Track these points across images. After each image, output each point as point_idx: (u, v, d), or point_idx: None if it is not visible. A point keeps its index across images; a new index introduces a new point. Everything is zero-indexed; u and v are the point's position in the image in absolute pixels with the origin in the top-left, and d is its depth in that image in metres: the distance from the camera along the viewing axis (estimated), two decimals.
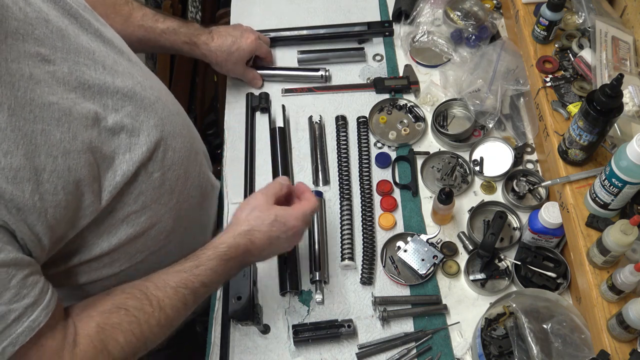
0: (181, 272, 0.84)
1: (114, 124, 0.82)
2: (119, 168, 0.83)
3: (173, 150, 0.95)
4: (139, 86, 0.90)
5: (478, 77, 1.28)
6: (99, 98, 0.81)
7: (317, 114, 1.35)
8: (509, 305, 0.99)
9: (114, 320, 0.77)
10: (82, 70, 0.80)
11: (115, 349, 0.76)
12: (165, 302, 0.81)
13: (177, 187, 0.97)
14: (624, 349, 0.87)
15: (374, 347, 1.05)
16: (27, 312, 0.69)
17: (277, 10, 1.55)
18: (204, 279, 0.85)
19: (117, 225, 0.87)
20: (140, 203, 0.89)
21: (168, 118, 0.95)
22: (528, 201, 1.20)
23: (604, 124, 0.92)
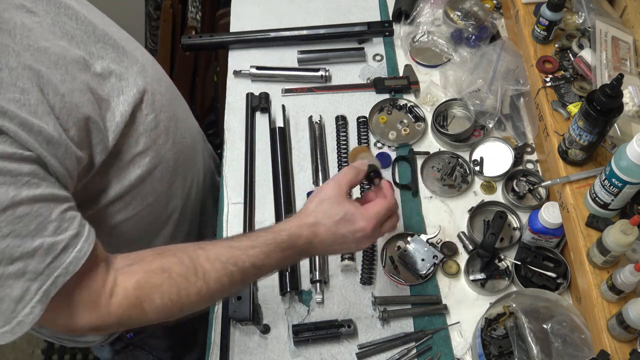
0: (235, 249, 0.83)
1: (102, 69, 0.86)
2: (117, 109, 0.87)
3: (160, 94, 1.00)
4: (117, 35, 0.94)
5: (478, 77, 1.28)
6: (83, 46, 0.85)
7: (317, 114, 1.35)
8: (509, 305, 0.99)
9: (155, 281, 0.78)
10: (63, 21, 0.84)
11: (150, 307, 0.78)
12: (211, 275, 0.81)
13: (170, 127, 1.01)
14: (624, 349, 0.87)
15: (374, 347, 1.05)
16: (72, 242, 0.72)
17: (277, 10, 1.55)
18: (255, 261, 0.83)
19: (125, 167, 0.91)
20: (142, 144, 0.93)
21: (148, 64, 1.00)
22: (528, 201, 1.20)
23: (604, 124, 0.92)
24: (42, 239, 0.69)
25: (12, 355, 2.22)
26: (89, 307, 0.76)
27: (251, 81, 1.42)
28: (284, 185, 1.23)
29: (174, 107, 1.05)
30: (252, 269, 0.83)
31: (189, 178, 1.13)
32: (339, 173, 0.92)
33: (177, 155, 1.04)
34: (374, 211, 0.88)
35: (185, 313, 0.83)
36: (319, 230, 0.86)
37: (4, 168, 0.66)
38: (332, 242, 0.87)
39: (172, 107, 1.04)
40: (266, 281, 1.13)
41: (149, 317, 0.79)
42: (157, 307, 0.78)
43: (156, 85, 0.99)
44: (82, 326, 0.76)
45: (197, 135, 1.18)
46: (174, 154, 1.03)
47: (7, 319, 0.70)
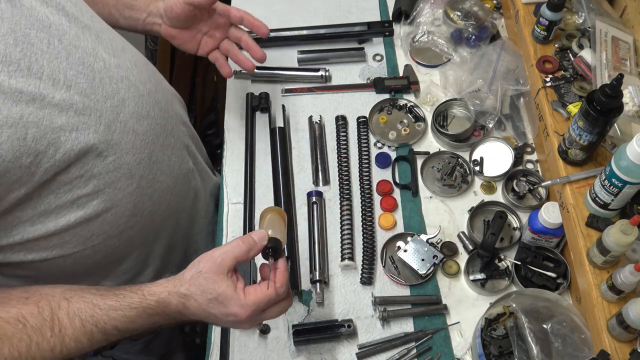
0: (97, 308, 0.78)
1: (61, 100, 0.79)
2: (62, 146, 0.79)
3: (134, 133, 0.90)
4: (101, 64, 0.87)
5: (478, 77, 1.28)
6: (48, 72, 0.78)
7: (317, 114, 1.35)
8: (509, 305, 0.99)
9: (7, 331, 0.74)
10: (31, 42, 0.77)
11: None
12: (68, 331, 0.77)
13: (137, 171, 0.92)
14: (624, 349, 0.87)
15: (374, 347, 1.05)
16: None
17: (277, 10, 1.55)
18: (117, 324, 0.79)
19: (65, 207, 0.84)
20: (91, 186, 0.85)
21: (133, 99, 0.91)
22: (528, 201, 1.20)
23: (604, 124, 0.92)
24: None
25: None
26: None
27: (251, 81, 1.42)
28: (284, 185, 1.23)
29: (152, 148, 0.94)
30: (114, 331, 0.79)
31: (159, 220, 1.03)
32: (228, 244, 0.82)
33: (141, 200, 0.95)
34: (252, 300, 0.80)
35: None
36: (188, 304, 0.80)
37: None
38: (205, 317, 0.81)
39: (148, 148, 0.94)
40: None
41: None
42: (6, 357, 0.73)
43: (135, 123, 0.90)
44: None
45: (185, 176, 1.08)
46: (135, 198, 0.94)
47: None
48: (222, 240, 1.20)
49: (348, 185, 1.24)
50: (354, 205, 1.22)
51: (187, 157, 1.11)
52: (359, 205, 1.22)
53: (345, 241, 1.16)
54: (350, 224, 1.18)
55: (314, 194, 1.21)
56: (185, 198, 1.13)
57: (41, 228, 0.84)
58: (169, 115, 1.03)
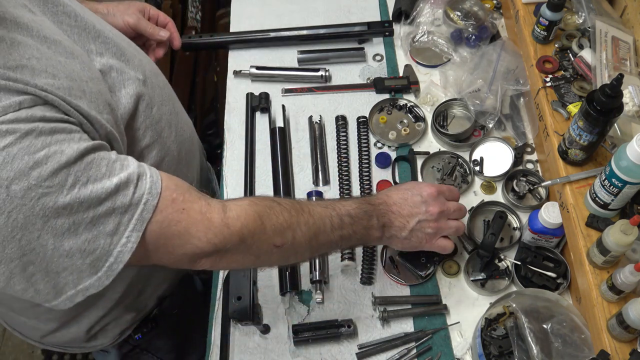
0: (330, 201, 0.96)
1: (102, 65, 0.86)
2: (120, 103, 0.86)
3: (159, 88, 1.00)
4: (111, 32, 0.94)
5: (478, 77, 1.28)
6: (81, 44, 0.85)
7: (317, 114, 1.35)
8: (509, 305, 0.99)
9: (267, 203, 0.85)
10: (61, 19, 0.84)
11: (268, 223, 0.83)
12: (315, 211, 0.89)
13: (172, 120, 1.02)
14: (624, 349, 0.87)
15: (374, 347, 1.05)
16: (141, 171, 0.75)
17: (277, 10, 1.55)
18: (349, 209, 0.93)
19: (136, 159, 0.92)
20: (148, 137, 0.94)
21: (147, 60, 1.01)
22: (528, 201, 1.20)
23: (604, 124, 0.92)
24: (117, 177, 0.71)
25: (12, 355, 2.22)
26: (202, 225, 0.78)
27: (251, 81, 1.42)
28: (284, 185, 1.23)
29: (172, 101, 1.06)
30: (346, 218, 0.92)
31: (191, 172, 1.14)
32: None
33: (180, 147, 1.05)
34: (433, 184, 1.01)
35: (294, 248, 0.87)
36: (390, 193, 0.99)
37: (58, 127, 0.68)
38: (404, 201, 0.98)
39: (171, 101, 1.04)
40: (266, 281, 1.14)
41: (267, 235, 0.83)
42: (274, 224, 0.83)
43: (154, 79, 1.00)
44: (202, 248, 0.78)
45: (192, 129, 1.20)
46: (177, 146, 1.03)
47: (106, 252, 0.72)
48: None
49: (348, 185, 1.24)
50: None
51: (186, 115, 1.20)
52: None
53: None
54: None
55: (314, 194, 1.21)
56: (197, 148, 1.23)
57: None
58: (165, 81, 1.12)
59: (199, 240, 0.78)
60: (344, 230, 0.92)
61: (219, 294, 1.13)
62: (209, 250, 0.79)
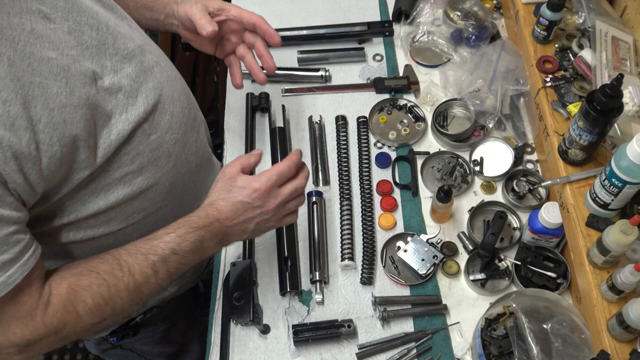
0: (152, 240, 0.86)
1: (111, 84, 0.84)
2: (115, 127, 0.84)
3: (171, 114, 0.96)
4: (139, 50, 0.92)
5: (478, 77, 1.28)
6: (97, 58, 0.83)
7: (317, 114, 1.35)
8: (509, 305, 0.99)
9: (84, 282, 0.79)
10: (82, 30, 0.82)
11: (83, 310, 0.79)
12: (135, 267, 0.83)
13: (174, 150, 0.98)
14: (624, 349, 0.87)
15: (374, 347, 1.05)
16: (4, 267, 0.71)
17: (277, 10, 1.55)
18: (173, 246, 0.86)
19: (114, 184, 0.89)
20: (137, 164, 0.91)
21: (167, 82, 0.96)
22: (528, 201, 1.20)
23: (604, 124, 0.92)
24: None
25: None
26: (23, 321, 0.75)
27: (251, 81, 1.41)
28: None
29: (184, 129, 1.01)
30: (172, 256, 0.86)
31: (187, 201, 1.07)
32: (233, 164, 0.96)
33: (176, 178, 1.01)
34: (264, 175, 0.92)
35: (118, 315, 0.84)
36: (219, 205, 0.91)
37: None
38: (234, 211, 0.91)
39: (182, 129, 1.00)
40: (266, 281, 1.14)
41: (83, 321, 0.79)
42: (90, 308, 0.79)
43: (170, 105, 0.96)
44: (13, 343, 0.75)
45: (206, 159, 1.14)
46: (171, 177, 1.00)
47: None
48: None
49: (348, 185, 1.24)
50: (354, 205, 1.22)
51: (206, 142, 1.16)
52: (359, 205, 1.22)
53: (345, 241, 1.16)
54: (350, 224, 1.18)
55: (314, 194, 1.21)
56: (207, 181, 1.17)
57: (92, 206, 0.88)
58: (191, 100, 1.08)
59: (14, 334, 0.75)
60: (171, 269, 0.87)
61: (219, 294, 1.13)
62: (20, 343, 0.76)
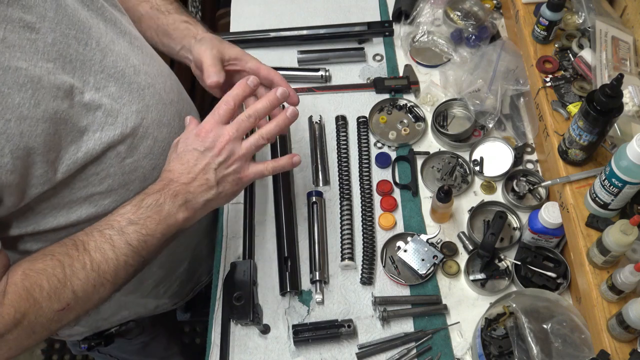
0: (108, 217, 0.83)
1: (90, 100, 0.82)
2: (84, 145, 0.82)
3: (154, 139, 0.93)
4: (131, 69, 0.90)
5: (478, 77, 1.28)
6: (80, 73, 0.81)
7: (317, 114, 1.35)
8: (509, 305, 0.99)
9: (39, 266, 0.77)
10: (68, 42, 0.80)
11: (40, 295, 0.76)
12: (90, 244, 0.80)
13: (151, 176, 0.94)
14: (624, 349, 0.87)
15: (374, 347, 1.05)
16: None
17: (277, 10, 1.55)
18: (129, 216, 0.82)
19: (78, 202, 0.87)
20: (106, 185, 0.88)
21: (156, 106, 0.93)
22: (528, 201, 1.20)
23: (604, 124, 0.92)
24: None
25: None
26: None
27: None
28: (284, 186, 1.22)
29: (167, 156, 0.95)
30: (130, 226, 0.82)
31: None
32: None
33: None
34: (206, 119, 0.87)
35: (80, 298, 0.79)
36: (170, 167, 0.87)
37: None
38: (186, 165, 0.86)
39: (164, 155, 0.94)
40: (266, 281, 1.14)
41: (44, 309, 0.76)
42: (47, 292, 0.76)
43: (155, 129, 0.93)
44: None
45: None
46: None
47: None
48: (222, 241, 1.20)
49: (348, 185, 1.24)
50: (354, 205, 1.22)
51: None
52: (359, 205, 1.22)
53: (345, 241, 1.16)
54: (350, 224, 1.18)
55: (314, 194, 1.21)
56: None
57: (52, 221, 0.86)
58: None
59: None
60: (132, 244, 0.82)
61: (219, 294, 1.13)
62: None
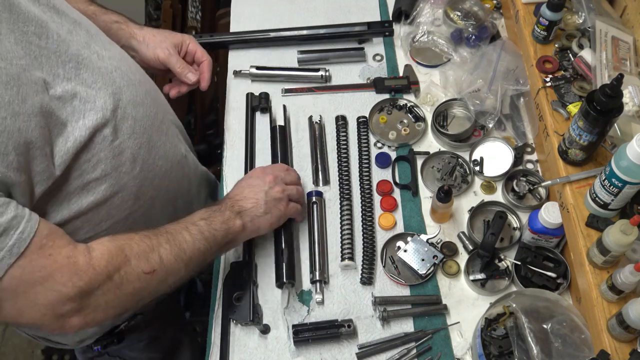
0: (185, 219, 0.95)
1: (63, 92, 0.82)
2: (71, 135, 0.83)
3: (133, 119, 0.95)
4: (95, 56, 0.91)
5: (478, 77, 1.28)
6: (47, 67, 0.82)
7: (317, 114, 1.35)
8: (509, 305, 0.99)
9: (126, 237, 0.85)
10: (29, 40, 0.80)
11: (130, 252, 0.83)
12: (170, 229, 0.91)
13: (139, 155, 0.97)
14: (624, 349, 0.87)
15: (374, 347, 1.05)
16: (11, 225, 0.72)
17: (277, 10, 1.55)
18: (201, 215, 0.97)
19: (77, 193, 0.88)
20: (99, 171, 0.89)
21: (127, 87, 0.95)
22: (528, 201, 1.20)
23: (604, 124, 0.92)
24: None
25: (12, 355, 2.22)
26: (67, 269, 0.76)
27: (251, 81, 1.42)
28: None
29: (150, 133, 1.00)
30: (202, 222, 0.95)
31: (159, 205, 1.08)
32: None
33: (144, 183, 1.00)
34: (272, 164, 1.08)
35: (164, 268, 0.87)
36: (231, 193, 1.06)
37: None
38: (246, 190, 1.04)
39: (147, 133, 0.99)
40: (266, 281, 1.14)
41: (133, 266, 0.83)
42: (137, 252, 0.84)
43: (132, 109, 0.95)
44: (67, 294, 0.75)
45: (178, 161, 1.13)
46: (138, 182, 0.98)
47: None
48: None
49: (348, 185, 1.24)
50: (354, 205, 1.22)
51: (179, 144, 1.15)
52: (359, 205, 1.22)
53: (345, 241, 1.16)
54: (350, 224, 1.18)
55: (314, 194, 1.21)
56: (181, 183, 1.17)
57: (55, 216, 0.86)
58: (158, 103, 1.08)
59: (64, 285, 0.75)
60: (204, 233, 0.94)
61: (219, 294, 1.13)
62: (74, 294, 0.76)
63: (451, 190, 1.10)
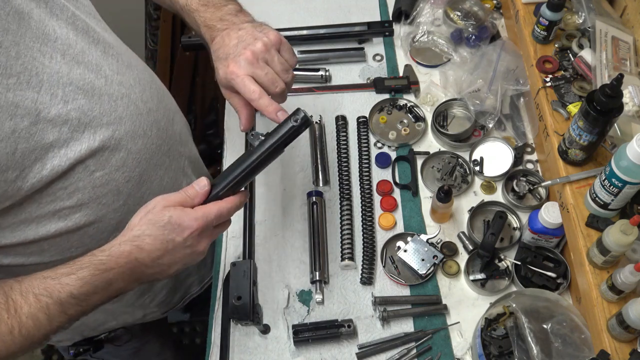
0: (49, 279, 0.75)
1: (56, 115, 0.79)
2: (49, 162, 0.79)
3: (127, 151, 0.90)
4: (102, 80, 0.87)
5: (478, 77, 1.28)
6: (47, 87, 0.78)
7: (317, 114, 1.35)
8: (509, 305, 0.99)
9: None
10: (33, 56, 0.77)
11: None
12: (24, 309, 0.73)
13: (125, 189, 0.91)
14: (624, 349, 0.87)
15: (374, 347, 1.05)
16: None
17: (277, 10, 1.55)
18: (72, 290, 0.74)
19: (47, 217, 0.84)
20: (75, 199, 0.85)
21: (130, 117, 0.90)
22: (528, 201, 1.20)
23: (604, 124, 0.92)
24: None
25: None
26: None
27: None
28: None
29: (144, 167, 0.94)
30: (71, 300, 0.75)
31: None
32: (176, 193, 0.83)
33: (125, 217, 0.88)
34: (202, 211, 0.80)
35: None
36: (143, 244, 0.78)
37: None
38: (163, 251, 0.79)
39: (140, 167, 0.93)
40: (266, 281, 1.14)
41: None
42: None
43: (129, 141, 0.90)
44: None
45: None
46: (120, 215, 0.92)
47: None
48: (221, 241, 1.20)
49: (348, 185, 1.24)
50: (354, 205, 1.22)
51: (181, 179, 1.08)
52: (359, 205, 1.22)
53: (345, 241, 1.16)
54: (350, 224, 1.18)
55: (314, 194, 1.21)
56: None
57: (20, 235, 0.83)
58: (167, 135, 1.01)
59: None
60: (69, 312, 0.76)
61: (219, 294, 1.13)
62: None
63: (451, 190, 1.10)
